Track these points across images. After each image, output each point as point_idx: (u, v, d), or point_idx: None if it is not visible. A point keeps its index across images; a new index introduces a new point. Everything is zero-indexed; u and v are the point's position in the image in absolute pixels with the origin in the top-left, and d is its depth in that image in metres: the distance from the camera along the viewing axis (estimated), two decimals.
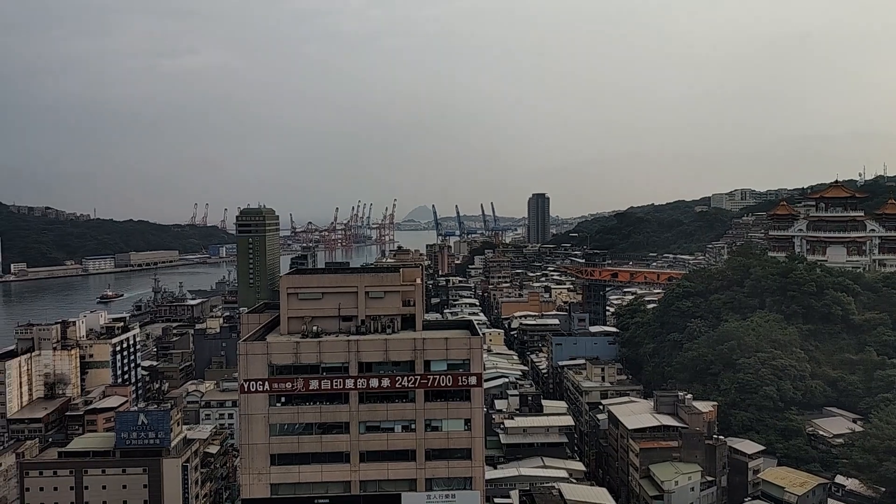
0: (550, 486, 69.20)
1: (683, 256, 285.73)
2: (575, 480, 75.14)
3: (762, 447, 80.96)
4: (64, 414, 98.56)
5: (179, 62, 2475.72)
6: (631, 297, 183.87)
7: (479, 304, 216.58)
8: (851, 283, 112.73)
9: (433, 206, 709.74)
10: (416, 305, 56.58)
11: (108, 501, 72.01)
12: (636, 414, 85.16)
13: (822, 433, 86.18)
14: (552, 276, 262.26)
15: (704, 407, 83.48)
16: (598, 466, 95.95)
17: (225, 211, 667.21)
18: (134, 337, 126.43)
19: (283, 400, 51.16)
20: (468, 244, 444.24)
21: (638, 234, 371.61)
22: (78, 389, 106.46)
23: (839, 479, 74.98)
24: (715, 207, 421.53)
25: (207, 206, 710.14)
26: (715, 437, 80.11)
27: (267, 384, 50.70)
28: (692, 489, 73.46)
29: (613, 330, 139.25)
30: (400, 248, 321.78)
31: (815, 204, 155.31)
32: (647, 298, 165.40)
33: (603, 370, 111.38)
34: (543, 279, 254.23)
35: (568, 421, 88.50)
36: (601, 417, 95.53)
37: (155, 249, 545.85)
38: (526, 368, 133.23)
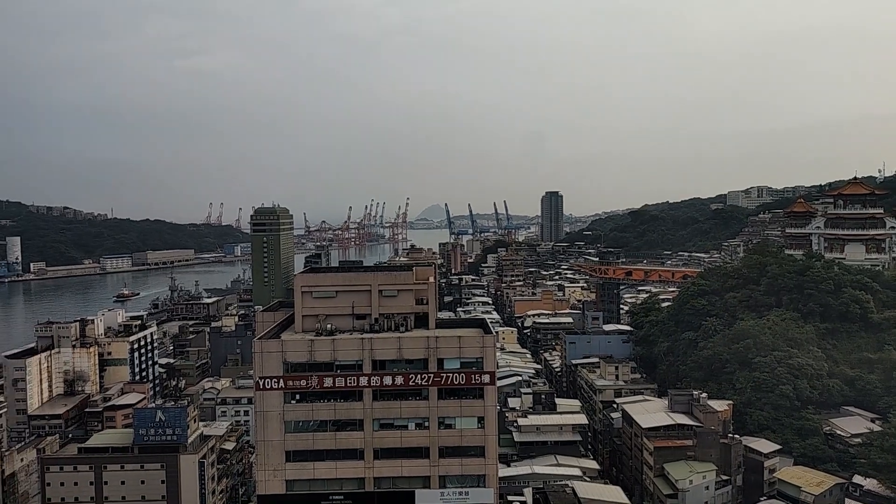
0: (564, 484, 69.19)
1: (698, 254, 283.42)
2: (589, 479, 75.03)
3: (778, 446, 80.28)
4: (83, 410, 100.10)
5: (194, 62, 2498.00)
6: (645, 295, 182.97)
7: (492, 302, 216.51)
8: (870, 281, 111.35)
9: (446, 204, 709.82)
10: (429, 304, 56.77)
11: (126, 497, 72.98)
12: (650, 413, 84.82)
13: (839, 433, 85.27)
14: (566, 274, 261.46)
15: (719, 406, 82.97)
16: (611, 465, 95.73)
17: (239, 210, 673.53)
18: (151, 335, 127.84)
19: (297, 397, 51.63)
20: (481, 243, 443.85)
21: (652, 231, 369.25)
22: (97, 386, 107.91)
23: (857, 479, 74.09)
24: (731, 205, 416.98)
25: (222, 205, 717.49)
26: (730, 435, 79.57)
27: (282, 382, 51.18)
28: (707, 488, 73.08)
29: (627, 328, 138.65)
30: (413, 246, 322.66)
31: (833, 201, 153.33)
32: (661, 297, 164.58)
33: (617, 369, 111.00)
34: (557, 277, 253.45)
35: (581, 419, 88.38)
36: (615, 416, 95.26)
37: (171, 248, 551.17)
38: (539, 367, 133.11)
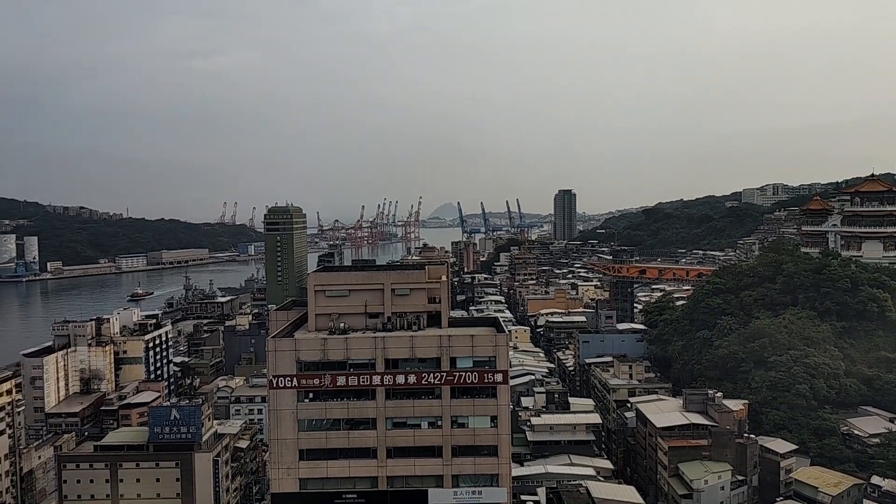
0: (578, 483, 68.80)
1: (713, 252, 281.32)
2: (602, 478, 74.66)
3: (795, 446, 79.35)
4: (99, 408, 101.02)
5: (210, 63, 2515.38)
6: (659, 294, 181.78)
7: (504, 301, 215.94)
8: (888, 279, 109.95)
9: (458, 203, 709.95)
10: (441, 302, 56.67)
11: (141, 494, 73.58)
12: (664, 412, 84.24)
13: (857, 432, 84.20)
14: (579, 273, 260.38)
15: (735, 405, 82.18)
16: (625, 465, 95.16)
17: (253, 209, 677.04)
18: (166, 333, 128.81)
19: (310, 396, 51.75)
20: (494, 241, 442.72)
21: (666, 230, 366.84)
22: (112, 385, 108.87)
23: (875, 479, 73.20)
24: (746, 202, 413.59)
25: (236, 204, 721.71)
26: (746, 435, 78.76)
27: (295, 380, 51.32)
28: (722, 488, 72.41)
29: (641, 327, 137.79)
30: (425, 245, 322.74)
31: (850, 198, 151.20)
32: (675, 295, 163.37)
33: (630, 368, 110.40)
34: (570, 276, 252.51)
35: (595, 419, 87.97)
36: (629, 415, 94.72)
37: (185, 248, 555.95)
38: (552, 366, 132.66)
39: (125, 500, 73.27)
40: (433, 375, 51.48)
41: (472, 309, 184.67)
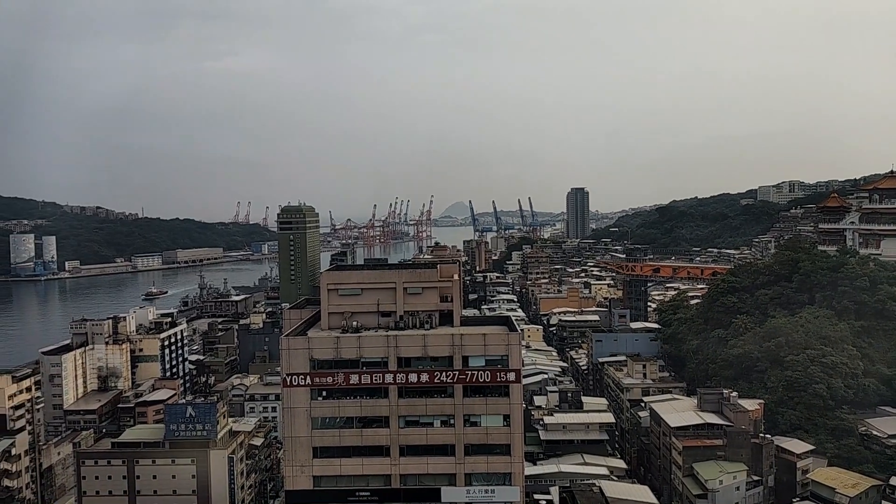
0: (591, 483, 68.62)
1: (728, 251, 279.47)
2: (616, 478, 74.36)
3: (811, 447, 78.55)
4: (116, 406, 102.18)
5: (224, 64, 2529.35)
6: (673, 292, 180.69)
7: (517, 300, 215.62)
8: None
9: (470, 201, 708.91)
10: (453, 301, 56.69)
11: (158, 490, 74.35)
12: (679, 412, 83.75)
13: (875, 433, 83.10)
14: (592, 271, 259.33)
15: (750, 405, 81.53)
16: (639, 464, 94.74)
17: (267, 209, 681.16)
18: (181, 332, 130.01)
19: (324, 394, 51.98)
20: (505, 240, 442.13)
21: (681, 228, 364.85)
22: (129, 382, 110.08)
23: (894, 480, 72.19)
24: (761, 200, 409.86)
25: (250, 204, 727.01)
26: (761, 435, 78.13)
27: (308, 378, 51.60)
28: (737, 488, 71.86)
29: (655, 326, 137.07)
30: (437, 244, 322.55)
31: (868, 195, 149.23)
32: (690, 294, 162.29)
33: (644, 367, 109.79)
34: (583, 275, 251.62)
35: (609, 418, 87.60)
36: (643, 415, 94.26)
37: (200, 247, 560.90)
38: (565, 365, 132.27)
39: (142, 496, 74.11)
40: (445, 374, 51.52)
41: (484, 308, 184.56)
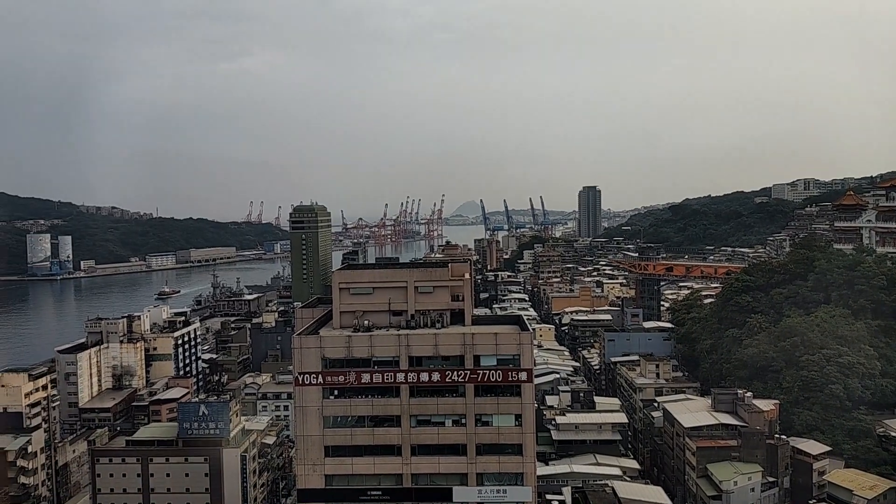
0: (604, 483, 68.26)
1: (742, 249, 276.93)
2: (629, 478, 73.90)
3: (828, 448, 77.60)
4: (130, 404, 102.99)
5: (236, 64, 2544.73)
6: (687, 291, 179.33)
7: (528, 299, 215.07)
8: None
9: (481, 200, 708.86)
10: (464, 300, 56.52)
11: (171, 488, 74.78)
12: (692, 412, 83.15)
13: (893, 434, 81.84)
14: (604, 270, 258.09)
15: (765, 405, 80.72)
16: (652, 465, 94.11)
17: (279, 208, 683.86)
18: (194, 331, 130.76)
19: (336, 393, 51.99)
20: (517, 239, 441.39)
21: (694, 226, 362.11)
22: (143, 381, 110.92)
23: None
24: (776, 198, 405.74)
25: (262, 203, 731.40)
26: (777, 436, 77.32)
27: (320, 377, 51.61)
28: (752, 490, 71.20)
29: (668, 326, 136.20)
30: (448, 243, 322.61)
31: (885, 193, 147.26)
32: (703, 293, 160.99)
33: (657, 367, 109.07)
34: (595, 274, 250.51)
35: (621, 418, 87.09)
36: (656, 415, 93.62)
37: (213, 246, 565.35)
38: (577, 365, 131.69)
39: (156, 494, 74.58)
40: (457, 373, 51.32)
41: (495, 307, 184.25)
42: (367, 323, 55.07)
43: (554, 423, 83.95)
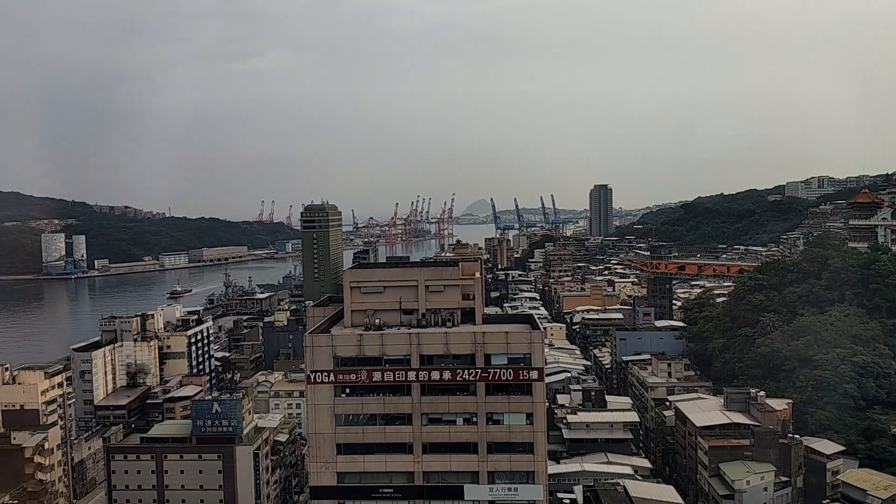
0: (615, 482, 68.14)
1: (755, 248, 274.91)
2: (640, 477, 73.77)
3: (842, 447, 77.10)
4: (145, 402, 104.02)
5: (248, 65, 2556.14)
6: (699, 290, 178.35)
7: (539, 298, 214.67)
8: None
9: (492, 199, 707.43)
10: (475, 299, 56.63)
11: (185, 485, 75.65)
12: (705, 411, 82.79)
13: None
14: (615, 269, 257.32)
15: (778, 404, 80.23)
16: (664, 464, 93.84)
17: (290, 208, 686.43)
18: (207, 329, 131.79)
19: (347, 391, 52.31)
20: (528, 237, 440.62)
21: (706, 225, 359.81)
22: (157, 379, 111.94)
23: None
24: (790, 196, 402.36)
25: (274, 203, 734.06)
26: (790, 435, 76.82)
27: (332, 375, 51.94)
28: (765, 489, 70.82)
29: (680, 324, 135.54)
30: (459, 242, 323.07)
31: None
32: (716, 292, 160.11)
33: (669, 366, 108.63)
34: (606, 273, 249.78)
35: (633, 417, 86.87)
36: (668, 414, 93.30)
37: (225, 245, 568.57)
38: (589, 363, 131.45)
39: (170, 490, 75.49)
40: (468, 372, 51.45)
41: (506, 306, 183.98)
42: (378, 321, 55.33)
43: (565, 421, 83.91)
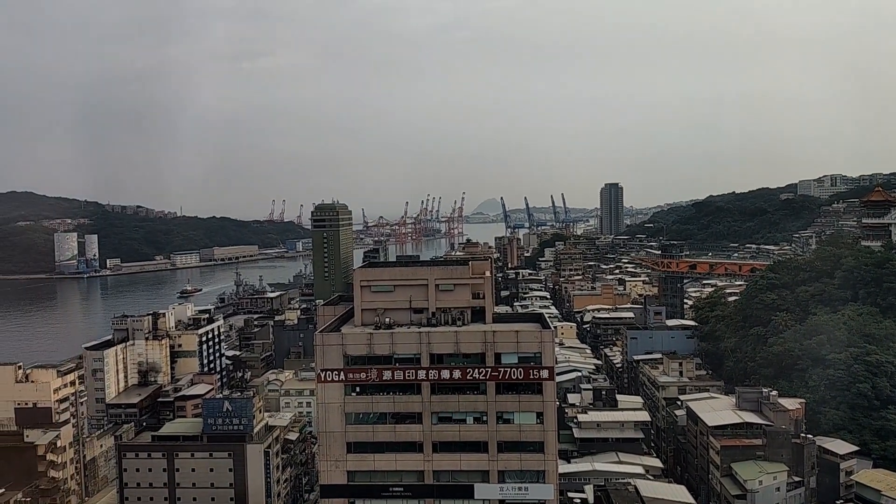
0: (626, 482, 67.86)
1: (767, 247, 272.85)
2: (652, 477, 73.39)
3: (855, 447, 76.31)
4: (156, 400, 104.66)
5: (259, 64, 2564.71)
6: (710, 289, 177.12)
7: (549, 297, 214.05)
8: None
9: (502, 198, 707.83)
10: (485, 298, 56.53)
11: (196, 483, 76.03)
12: (716, 410, 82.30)
13: None
14: (626, 268, 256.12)
15: (791, 404, 79.52)
16: (675, 463, 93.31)
17: (301, 207, 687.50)
18: (218, 328, 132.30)
19: (357, 390, 52.39)
20: (538, 236, 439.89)
21: (718, 223, 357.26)
22: (168, 377, 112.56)
23: None
24: (802, 194, 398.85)
25: (284, 202, 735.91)
26: (803, 435, 76.08)
27: (342, 374, 52.05)
28: (777, 489, 70.21)
29: (691, 324, 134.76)
30: (469, 240, 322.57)
31: None
32: (727, 291, 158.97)
33: (680, 365, 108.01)
34: (617, 271, 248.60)
35: (644, 416, 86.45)
36: (679, 413, 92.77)
37: (236, 244, 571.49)
38: (599, 363, 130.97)
39: (181, 488, 75.87)
40: (478, 371, 51.39)
41: (516, 305, 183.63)
42: (388, 320, 55.34)
43: (576, 420, 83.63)
